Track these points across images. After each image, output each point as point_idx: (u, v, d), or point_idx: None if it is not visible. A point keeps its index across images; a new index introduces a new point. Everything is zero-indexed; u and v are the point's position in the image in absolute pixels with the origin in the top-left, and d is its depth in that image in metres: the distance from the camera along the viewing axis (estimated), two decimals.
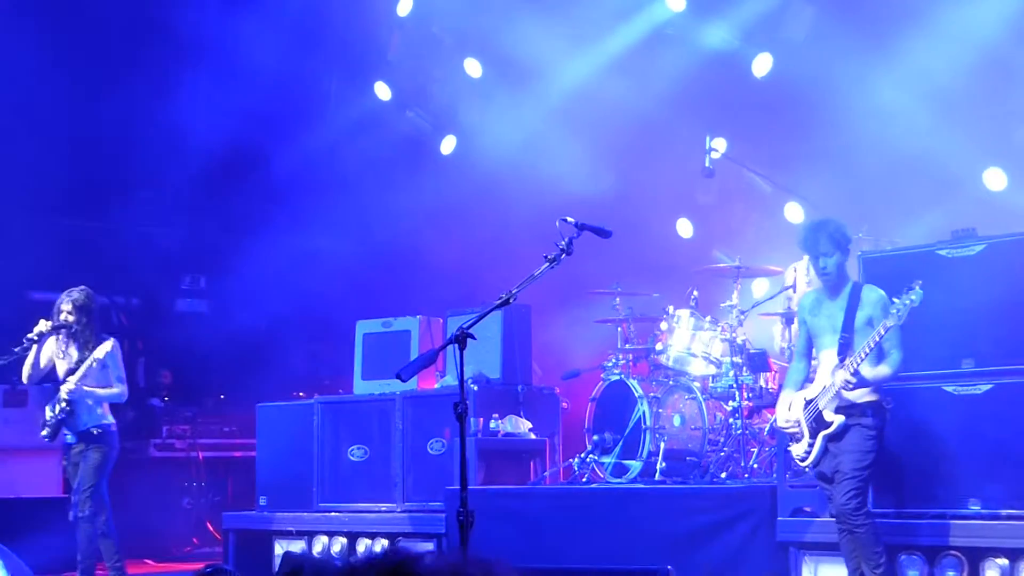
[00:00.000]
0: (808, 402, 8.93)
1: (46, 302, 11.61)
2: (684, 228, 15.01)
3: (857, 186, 13.07)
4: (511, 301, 7.92)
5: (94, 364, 11.04)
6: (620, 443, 11.95)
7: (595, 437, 12.12)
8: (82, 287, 11.35)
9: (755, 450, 11.54)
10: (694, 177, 13.66)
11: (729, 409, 11.77)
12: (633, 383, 12.05)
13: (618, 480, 11.81)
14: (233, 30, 15.51)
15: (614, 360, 12.55)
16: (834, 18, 13.43)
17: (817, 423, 8.83)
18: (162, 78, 15.90)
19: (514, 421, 12.47)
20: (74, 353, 11.20)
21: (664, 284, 13.44)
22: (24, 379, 11.54)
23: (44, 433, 11.31)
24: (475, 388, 12.33)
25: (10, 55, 14.69)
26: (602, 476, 11.98)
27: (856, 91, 13.05)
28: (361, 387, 13.39)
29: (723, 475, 11.40)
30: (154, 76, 15.85)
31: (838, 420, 8.74)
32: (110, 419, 11.34)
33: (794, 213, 13.96)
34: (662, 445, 11.75)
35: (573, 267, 8.46)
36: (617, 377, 12.25)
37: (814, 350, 9.18)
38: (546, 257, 8.01)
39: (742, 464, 11.40)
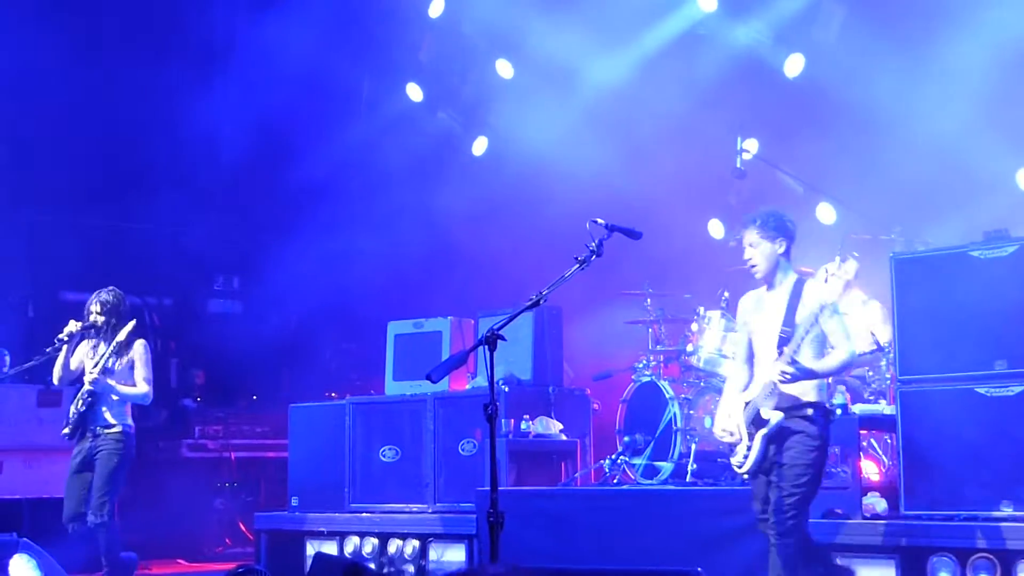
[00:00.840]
0: (747, 404, 8.44)
1: (78, 302, 11.66)
2: (715, 229, 14.95)
3: (889, 186, 13.00)
4: (541, 303, 7.92)
5: (120, 356, 10.97)
6: (651, 444, 11.96)
7: (626, 438, 12.14)
8: (111, 288, 11.26)
9: None
10: (726, 178, 13.64)
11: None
12: (664, 384, 12.05)
13: (649, 481, 11.81)
14: (265, 30, 15.57)
15: (645, 361, 12.55)
16: (866, 18, 13.38)
17: (755, 424, 8.33)
18: (195, 77, 15.93)
19: (545, 422, 12.48)
20: (104, 351, 11.12)
21: (695, 285, 13.43)
22: (55, 380, 11.35)
23: (65, 431, 11.11)
24: (506, 389, 12.37)
25: (41, 53, 14.77)
26: (633, 477, 11.98)
27: (888, 91, 12.98)
28: (392, 388, 13.44)
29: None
30: (186, 75, 15.89)
31: (776, 417, 8.20)
32: (130, 421, 11.13)
33: (826, 214, 13.91)
34: (693, 446, 11.74)
35: (604, 268, 8.44)
36: (648, 378, 12.25)
37: (755, 349, 8.62)
38: (576, 259, 8.00)
39: None
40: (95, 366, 10.94)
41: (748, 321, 8.69)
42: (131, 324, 11.04)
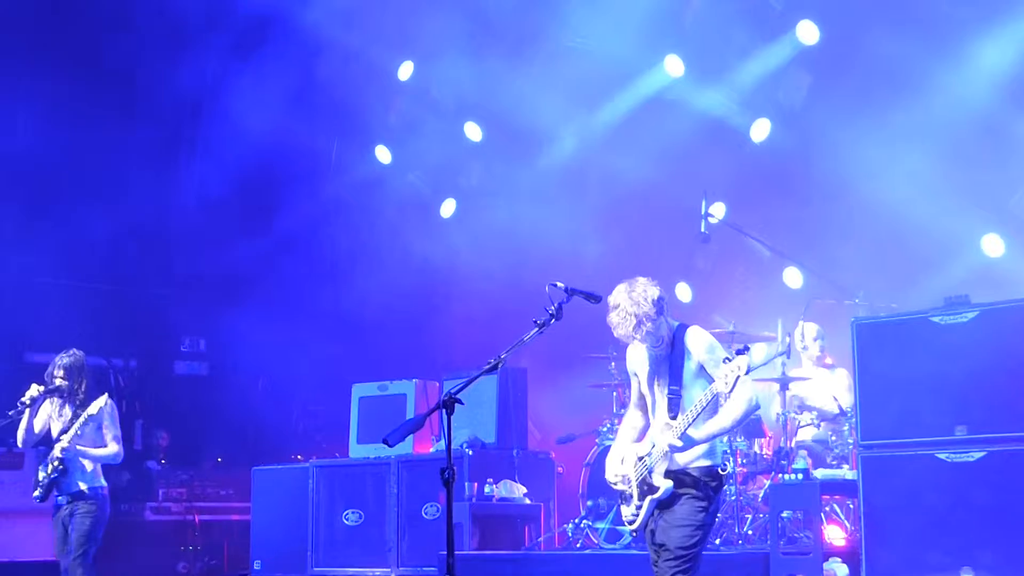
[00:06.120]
0: (640, 459, 8.02)
1: (44, 364, 11.58)
2: (683, 292, 14.97)
3: (855, 251, 13.06)
4: (499, 366, 7.86)
5: (88, 422, 11.00)
6: (614, 509, 11.88)
7: (589, 503, 12.09)
8: (72, 351, 11.33)
9: (749, 516, 11.45)
10: (693, 242, 13.64)
11: (723, 475, 11.67)
12: None
13: (612, 546, 11.73)
14: (236, 92, 15.58)
15: (609, 425, 12.50)
16: (832, 84, 13.47)
17: (646, 486, 7.92)
18: (165, 137, 15.93)
19: (509, 486, 12.42)
20: (68, 414, 11.15)
21: None
22: (19, 443, 11.49)
23: (36, 494, 11.20)
24: (470, 452, 12.32)
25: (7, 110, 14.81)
26: (596, 542, 11.91)
27: (854, 157, 13.05)
28: (357, 451, 13.41)
29: (717, 541, 11.26)
30: (157, 134, 15.87)
31: (665, 485, 7.80)
32: (102, 482, 11.18)
33: (792, 278, 13.94)
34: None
35: (570, 331, 8.39)
36: (611, 442, 12.18)
37: (648, 403, 8.20)
38: (535, 322, 7.94)
39: (736, 530, 11.31)
40: (63, 432, 10.99)
41: (636, 372, 8.29)
42: (103, 399, 11.09)
